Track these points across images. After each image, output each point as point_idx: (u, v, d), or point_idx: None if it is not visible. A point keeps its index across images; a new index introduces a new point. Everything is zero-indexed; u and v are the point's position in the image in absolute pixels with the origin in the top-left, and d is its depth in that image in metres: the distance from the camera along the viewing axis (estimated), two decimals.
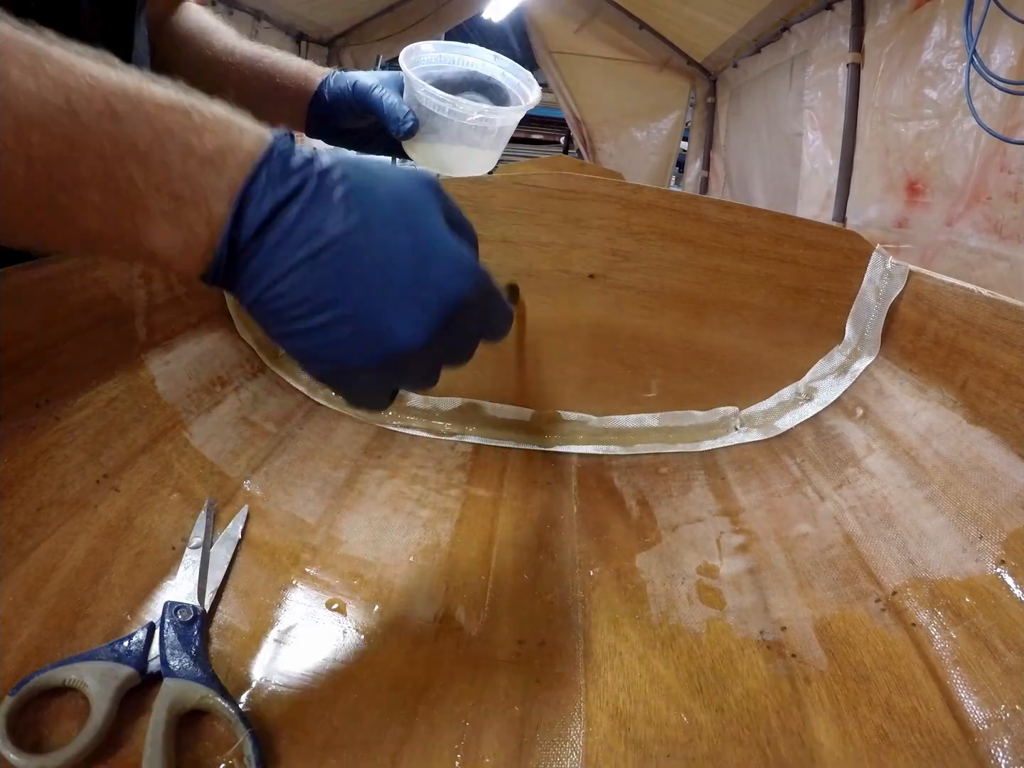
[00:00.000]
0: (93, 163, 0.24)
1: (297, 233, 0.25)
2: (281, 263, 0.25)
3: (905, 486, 0.43)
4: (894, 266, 0.53)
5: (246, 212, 0.25)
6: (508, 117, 0.51)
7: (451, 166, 0.55)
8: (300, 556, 0.40)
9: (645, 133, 3.95)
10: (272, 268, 0.25)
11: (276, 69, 0.58)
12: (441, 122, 0.51)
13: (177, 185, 0.24)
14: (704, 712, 0.32)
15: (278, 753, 0.28)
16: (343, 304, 0.25)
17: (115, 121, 0.24)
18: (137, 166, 0.24)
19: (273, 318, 0.26)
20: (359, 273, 0.25)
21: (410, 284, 0.26)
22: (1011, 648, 0.31)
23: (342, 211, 0.25)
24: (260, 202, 0.25)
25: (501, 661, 0.34)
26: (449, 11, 3.89)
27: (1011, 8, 1.26)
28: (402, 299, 0.26)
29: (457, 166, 0.55)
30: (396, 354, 0.26)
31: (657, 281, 0.57)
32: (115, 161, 0.24)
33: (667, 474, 0.53)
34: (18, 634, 0.29)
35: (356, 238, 0.25)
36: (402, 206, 0.27)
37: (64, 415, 0.39)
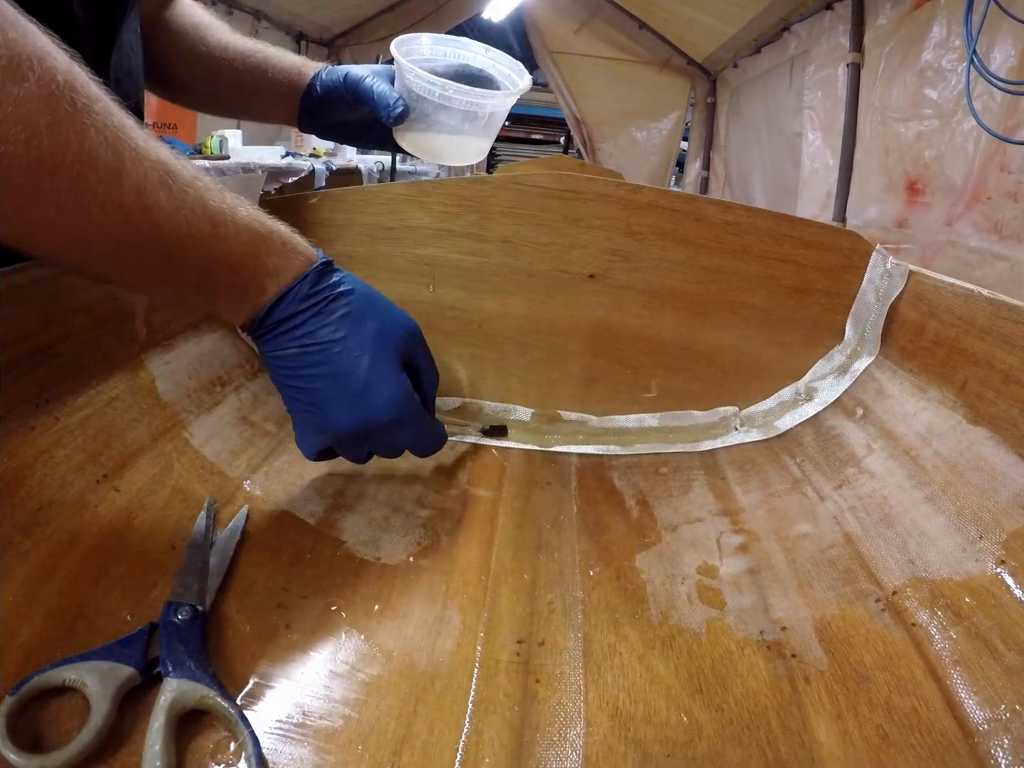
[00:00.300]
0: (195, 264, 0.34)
1: (299, 331, 0.38)
2: (285, 345, 0.38)
3: (905, 486, 0.43)
4: (894, 266, 0.53)
5: (276, 310, 0.38)
6: (499, 102, 0.51)
7: (441, 153, 0.55)
8: (300, 556, 0.40)
9: (645, 133, 3.95)
10: (279, 344, 0.38)
11: (269, 64, 0.58)
12: (432, 108, 0.51)
13: (247, 286, 0.37)
14: (704, 712, 0.32)
15: (278, 753, 0.28)
16: (311, 381, 0.38)
17: (215, 239, 0.34)
18: (225, 272, 0.36)
19: (272, 370, 0.40)
20: (327, 371, 0.38)
21: (356, 394, 0.38)
22: (1011, 648, 0.31)
23: (334, 327, 0.38)
24: (286, 307, 0.38)
25: (501, 661, 0.34)
26: (449, 11, 3.90)
27: (1011, 8, 1.26)
28: (344, 400, 0.38)
29: (447, 153, 0.55)
30: (330, 431, 0.40)
31: (657, 281, 0.57)
32: (211, 266, 0.35)
33: (667, 474, 0.53)
34: (18, 634, 0.29)
35: (334, 348, 0.38)
36: (377, 338, 0.39)
37: (64, 415, 0.39)
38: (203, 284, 0.36)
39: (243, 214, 0.36)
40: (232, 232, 0.35)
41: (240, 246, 0.36)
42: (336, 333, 0.38)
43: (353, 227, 0.57)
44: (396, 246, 0.57)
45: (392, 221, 0.57)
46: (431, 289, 0.58)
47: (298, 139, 3.00)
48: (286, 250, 0.38)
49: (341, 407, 0.38)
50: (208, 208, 0.34)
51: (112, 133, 0.30)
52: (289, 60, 0.59)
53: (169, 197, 0.32)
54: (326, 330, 0.38)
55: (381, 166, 3.03)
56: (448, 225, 0.57)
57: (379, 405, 0.39)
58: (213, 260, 0.35)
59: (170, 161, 0.33)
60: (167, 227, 0.32)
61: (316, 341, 0.38)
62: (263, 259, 0.37)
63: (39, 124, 0.27)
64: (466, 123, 0.52)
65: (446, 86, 0.49)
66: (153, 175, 0.31)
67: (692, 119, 3.95)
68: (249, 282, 0.37)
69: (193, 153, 2.39)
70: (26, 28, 0.28)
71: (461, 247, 0.57)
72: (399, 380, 0.39)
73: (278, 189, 2.38)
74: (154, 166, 0.32)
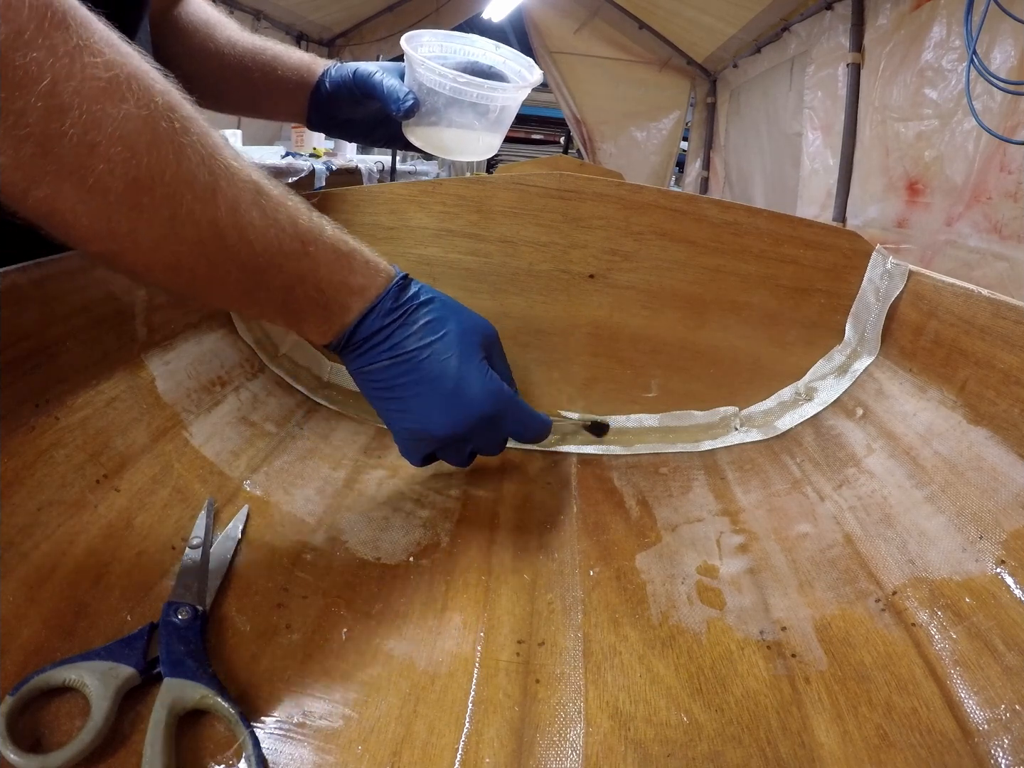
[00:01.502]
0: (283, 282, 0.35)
1: (387, 343, 0.39)
2: (374, 359, 0.39)
3: (905, 486, 0.43)
4: (894, 266, 0.53)
5: (362, 326, 0.39)
6: (510, 95, 0.51)
7: (452, 148, 0.54)
8: (300, 556, 0.40)
9: (645, 133, 3.95)
10: (368, 359, 0.40)
11: (278, 61, 0.58)
12: (442, 102, 0.51)
13: (331, 304, 0.38)
14: (704, 712, 0.32)
15: (278, 753, 0.28)
16: (404, 390, 0.39)
17: (304, 257, 0.35)
18: (312, 289, 0.37)
19: (363, 385, 0.41)
20: (418, 378, 0.39)
21: (449, 394, 0.39)
22: (1011, 648, 0.31)
23: (419, 335, 0.39)
24: (372, 322, 0.39)
25: (501, 661, 0.34)
26: (449, 11, 3.90)
27: (1011, 8, 1.26)
28: (440, 402, 0.39)
29: (458, 148, 0.54)
30: (431, 435, 0.41)
31: (657, 281, 0.57)
32: (298, 284, 0.36)
33: (667, 474, 0.53)
34: (18, 634, 0.29)
35: (422, 354, 0.39)
36: (460, 340, 0.40)
37: (64, 415, 0.39)
38: (289, 302, 0.36)
39: (330, 233, 0.37)
40: (320, 250, 0.36)
41: (327, 265, 0.37)
42: (422, 340, 0.39)
43: (353, 227, 0.57)
44: (396, 246, 0.57)
45: (392, 221, 0.57)
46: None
47: (298, 139, 3.00)
48: (368, 268, 0.39)
49: (438, 410, 0.39)
50: (299, 227, 0.35)
51: (208, 152, 0.31)
52: (298, 57, 0.59)
53: (262, 216, 0.33)
54: (412, 339, 0.39)
55: (381, 166, 3.03)
56: (448, 225, 0.57)
57: (474, 400, 0.39)
58: (301, 278, 0.36)
59: (262, 181, 0.34)
60: (259, 245, 0.33)
61: (405, 350, 0.39)
62: (348, 277, 0.38)
63: (138, 143, 0.28)
64: (477, 118, 0.52)
65: (457, 78, 0.49)
66: (246, 195, 0.32)
67: (692, 119, 3.95)
68: (334, 300, 0.38)
69: None
70: (122, 47, 0.28)
71: (461, 247, 0.57)
72: (488, 374, 0.40)
73: None
74: (247, 186, 0.32)
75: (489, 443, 0.43)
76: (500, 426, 0.42)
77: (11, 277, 0.36)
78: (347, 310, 0.38)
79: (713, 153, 3.75)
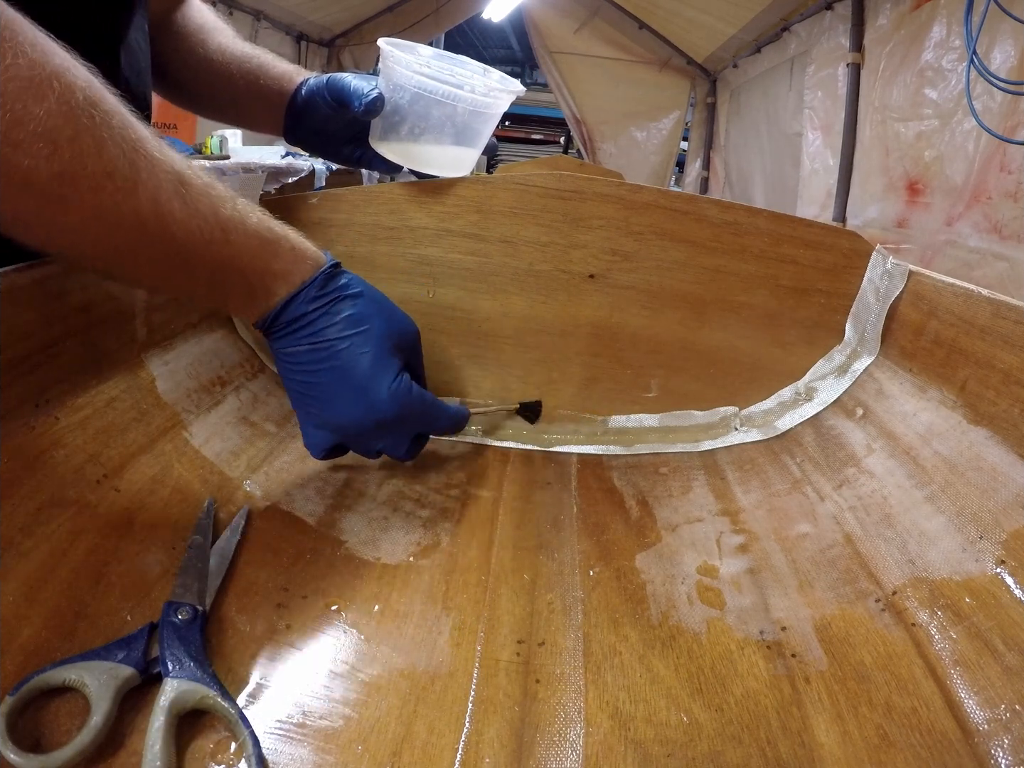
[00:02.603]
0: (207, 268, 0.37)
1: (308, 330, 0.40)
2: (295, 343, 0.41)
3: (905, 486, 0.43)
4: (894, 266, 0.53)
5: (287, 310, 0.40)
6: (477, 98, 0.49)
7: (416, 157, 0.53)
8: (300, 556, 0.40)
9: (645, 133, 3.95)
10: (290, 342, 0.41)
11: (262, 71, 0.58)
12: (408, 98, 0.49)
13: (255, 288, 0.39)
14: (704, 712, 0.32)
15: (278, 753, 0.28)
16: (318, 376, 0.41)
17: (225, 245, 0.36)
18: (235, 275, 0.38)
19: (281, 366, 0.42)
20: (332, 366, 0.40)
21: (358, 389, 0.41)
22: (1011, 648, 0.31)
23: (340, 327, 0.40)
24: (296, 307, 0.40)
25: (501, 661, 0.34)
26: (449, 11, 3.89)
27: (1011, 8, 1.26)
28: (349, 394, 0.41)
29: (422, 159, 0.53)
30: (334, 424, 0.42)
31: (657, 281, 0.57)
32: (222, 269, 0.37)
33: (667, 474, 0.53)
34: (18, 634, 0.29)
35: (340, 344, 0.40)
36: (379, 339, 0.41)
37: (64, 415, 0.39)
38: (214, 286, 0.38)
39: (254, 220, 0.38)
40: (242, 238, 0.37)
41: (249, 251, 0.38)
42: (342, 332, 0.40)
43: (353, 227, 0.57)
44: (396, 246, 0.57)
45: (392, 221, 0.57)
46: (431, 295, 0.58)
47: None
48: (295, 255, 0.40)
49: (344, 402, 0.41)
50: (220, 215, 0.36)
51: (129, 146, 0.32)
52: (283, 68, 0.59)
53: (183, 206, 0.34)
54: (333, 329, 0.40)
55: None
56: (448, 225, 0.57)
57: (379, 400, 0.41)
58: (224, 264, 0.37)
59: (186, 172, 0.35)
60: (180, 234, 0.34)
61: (324, 339, 0.40)
62: (271, 263, 0.39)
63: (60, 139, 0.29)
64: (444, 121, 0.50)
65: (422, 67, 0.47)
66: (168, 185, 0.33)
67: (692, 119, 3.95)
68: (258, 285, 0.39)
69: (193, 153, 2.39)
70: (46, 46, 0.29)
71: (461, 247, 0.57)
72: (400, 377, 0.42)
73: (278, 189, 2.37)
74: (169, 176, 0.33)
75: (395, 444, 0.44)
76: (404, 429, 0.44)
77: (11, 277, 0.36)
78: (271, 294, 0.40)
79: (713, 153, 3.75)
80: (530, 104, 5.66)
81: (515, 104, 0.52)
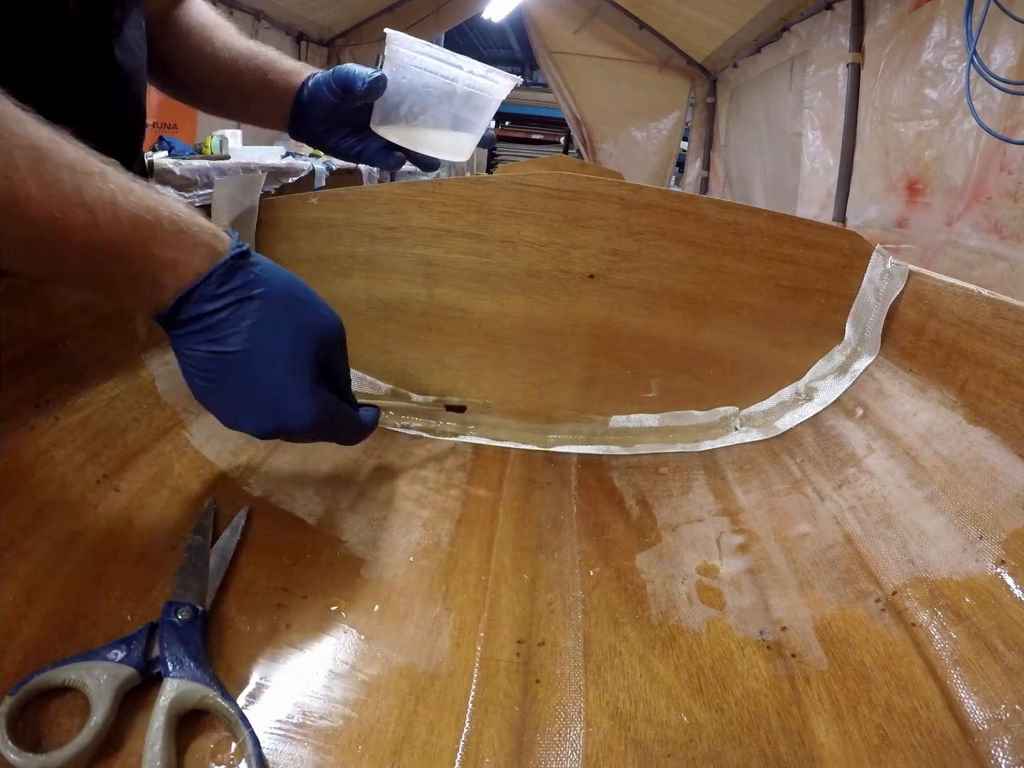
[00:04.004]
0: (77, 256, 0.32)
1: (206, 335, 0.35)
2: (194, 346, 0.35)
3: (905, 486, 0.43)
4: (894, 266, 0.53)
5: (183, 308, 0.34)
6: (475, 81, 0.50)
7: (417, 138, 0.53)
8: (300, 556, 0.40)
9: (645, 133, 3.95)
10: (187, 343, 0.35)
11: (270, 66, 0.58)
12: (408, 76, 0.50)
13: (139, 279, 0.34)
14: (704, 712, 0.32)
15: (278, 753, 0.28)
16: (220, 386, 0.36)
17: (93, 229, 0.31)
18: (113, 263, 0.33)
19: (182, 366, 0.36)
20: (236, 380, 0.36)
21: (265, 404, 0.36)
22: (1011, 648, 0.31)
23: (244, 335, 0.35)
24: (193, 307, 0.34)
25: (501, 661, 0.34)
26: (449, 11, 3.89)
27: (1011, 8, 1.26)
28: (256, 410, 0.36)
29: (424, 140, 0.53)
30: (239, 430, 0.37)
31: (657, 281, 0.57)
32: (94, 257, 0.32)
33: (667, 474, 0.53)
34: (18, 634, 0.29)
35: (243, 357, 0.35)
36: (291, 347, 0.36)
37: (64, 415, 0.39)
38: (92, 275, 0.34)
39: (128, 200, 0.33)
40: (112, 220, 0.32)
41: (121, 236, 0.32)
42: (246, 343, 0.35)
43: (353, 227, 0.57)
44: (396, 246, 0.57)
45: (392, 221, 0.57)
46: (430, 295, 0.58)
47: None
48: (182, 240, 0.34)
49: (250, 415, 0.36)
50: (84, 195, 0.31)
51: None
52: (290, 64, 0.59)
53: (40, 185, 0.30)
54: (236, 339, 0.35)
55: None
56: (448, 225, 0.57)
57: (292, 416, 0.37)
58: (96, 251, 0.32)
59: (45, 146, 0.30)
60: (39, 216, 0.30)
61: (225, 350, 0.35)
62: (152, 250, 0.33)
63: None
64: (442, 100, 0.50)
65: (424, 47, 0.47)
66: (22, 161, 0.29)
67: (692, 119, 3.96)
68: (140, 275, 0.34)
69: (193, 153, 2.39)
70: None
71: (461, 247, 0.57)
72: (313, 391, 0.37)
73: (278, 189, 2.38)
74: (25, 152, 0.29)
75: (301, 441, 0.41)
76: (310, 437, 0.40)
77: (11, 277, 0.36)
78: (160, 286, 0.34)
79: (713, 153, 3.75)
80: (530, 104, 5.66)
81: (515, 104, 0.53)
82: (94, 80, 0.49)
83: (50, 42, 0.44)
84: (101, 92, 0.50)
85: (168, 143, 2.35)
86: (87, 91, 0.48)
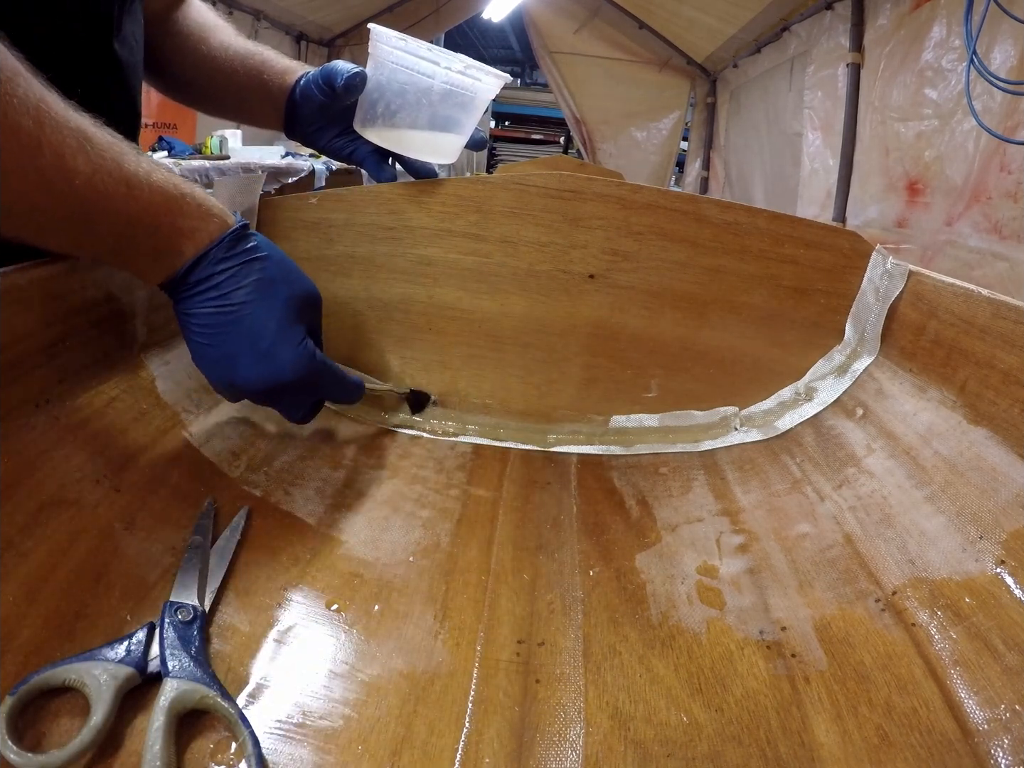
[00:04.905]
0: (112, 225, 0.37)
1: (215, 292, 0.40)
2: (200, 304, 0.40)
3: (905, 486, 0.43)
4: (894, 266, 0.53)
5: (193, 271, 0.40)
6: (453, 76, 0.49)
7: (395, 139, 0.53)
8: (300, 556, 0.40)
9: (645, 133, 3.95)
10: (194, 303, 0.40)
11: (266, 66, 0.58)
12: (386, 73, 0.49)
13: (162, 246, 0.39)
14: (704, 712, 0.32)
15: (278, 753, 0.28)
16: (223, 339, 0.40)
17: (130, 200, 0.36)
18: (142, 232, 0.38)
19: (185, 327, 0.41)
20: (238, 331, 0.40)
21: (262, 353, 0.41)
22: (1011, 648, 0.31)
23: (247, 290, 0.40)
24: (203, 269, 0.40)
25: (501, 661, 0.34)
26: (449, 11, 3.89)
27: (1011, 8, 1.26)
28: (252, 357, 0.41)
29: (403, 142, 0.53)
30: (236, 387, 0.42)
31: (657, 281, 0.57)
32: (128, 226, 0.37)
33: (667, 474, 0.53)
34: (18, 634, 0.29)
35: (246, 309, 0.40)
36: (285, 303, 0.42)
37: (64, 415, 0.39)
38: (120, 244, 0.38)
39: (158, 177, 0.38)
40: (147, 193, 0.37)
41: (154, 206, 0.37)
42: (249, 296, 0.40)
43: (353, 227, 0.57)
44: (396, 246, 0.57)
45: (392, 221, 0.57)
46: (430, 295, 0.58)
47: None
48: (201, 212, 0.40)
49: (247, 366, 0.41)
50: (124, 170, 0.36)
51: (33, 104, 0.32)
52: (285, 63, 0.59)
53: (87, 161, 0.34)
54: (240, 293, 0.40)
55: None
56: (448, 225, 0.57)
57: (284, 365, 0.41)
58: (130, 220, 0.37)
59: (88, 128, 0.35)
60: (85, 190, 0.34)
61: (231, 303, 0.40)
62: (178, 220, 0.39)
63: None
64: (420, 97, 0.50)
65: (400, 39, 0.47)
66: (72, 141, 0.33)
67: (692, 119, 3.96)
68: (165, 242, 0.39)
69: (193, 153, 2.39)
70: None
71: (461, 247, 0.57)
72: (303, 343, 0.42)
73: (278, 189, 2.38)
74: (73, 133, 0.33)
75: (294, 406, 0.45)
76: (304, 393, 0.44)
77: (11, 277, 0.36)
78: (178, 253, 0.39)
79: (713, 153, 3.75)
80: (530, 104, 5.66)
81: (515, 104, 0.53)
82: (94, 79, 0.49)
83: (50, 42, 0.44)
84: (101, 90, 0.50)
85: (168, 143, 2.35)
86: (87, 89, 0.49)
